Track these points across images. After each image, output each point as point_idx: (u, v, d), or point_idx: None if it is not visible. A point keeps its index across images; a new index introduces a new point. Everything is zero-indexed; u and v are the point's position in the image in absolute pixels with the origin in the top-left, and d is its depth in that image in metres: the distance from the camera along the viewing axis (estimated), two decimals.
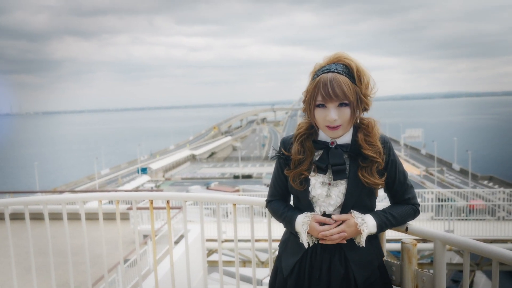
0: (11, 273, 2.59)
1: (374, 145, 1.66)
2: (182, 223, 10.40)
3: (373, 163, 1.65)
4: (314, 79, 1.63)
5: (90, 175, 50.88)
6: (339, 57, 1.64)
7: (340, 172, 1.66)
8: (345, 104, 1.59)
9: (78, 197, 2.60)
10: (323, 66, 1.64)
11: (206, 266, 2.58)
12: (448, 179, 44.39)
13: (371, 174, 1.65)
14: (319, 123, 1.65)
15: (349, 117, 1.61)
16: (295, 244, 1.76)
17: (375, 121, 1.70)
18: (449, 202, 15.65)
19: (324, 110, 1.61)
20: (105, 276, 2.67)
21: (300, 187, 1.70)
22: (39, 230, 2.66)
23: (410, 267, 1.78)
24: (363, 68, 1.63)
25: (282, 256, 1.82)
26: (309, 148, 1.71)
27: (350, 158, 1.68)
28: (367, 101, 1.64)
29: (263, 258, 14.52)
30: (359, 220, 1.66)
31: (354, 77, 1.61)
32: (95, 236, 3.11)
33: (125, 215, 10.71)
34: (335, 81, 1.57)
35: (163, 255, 8.79)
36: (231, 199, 2.40)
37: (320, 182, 1.69)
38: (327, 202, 1.68)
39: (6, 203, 2.59)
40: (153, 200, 2.57)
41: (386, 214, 1.72)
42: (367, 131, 1.67)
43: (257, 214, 12.79)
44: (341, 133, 1.66)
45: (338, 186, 1.67)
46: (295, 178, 1.71)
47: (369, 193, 1.69)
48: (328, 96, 1.57)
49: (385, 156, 1.67)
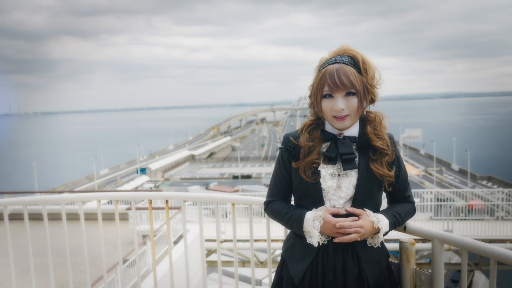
0: (10, 273, 2.59)
1: (383, 138, 1.65)
2: (181, 223, 10.40)
3: (383, 155, 1.64)
4: (320, 71, 1.62)
5: (89, 175, 50.84)
6: (345, 49, 1.63)
7: (350, 161, 1.62)
8: (352, 93, 1.57)
9: (77, 197, 2.60)
10: (329, 59, 1.63)
11: (205, 266, 2.58)
12: (447, 179, 44.43)
13: (382, 166, 1.63)
14: (326, 114, 1.62)
15: (356, 107, 1.59)
16: (303, 248, 1.68)
17: (382, 115, 1.69)
18: (448, 202, 15.67)
19: (331, 100, 1.59)
20: (104, 277, 2.68)
21: (312, 178, 1.63)
22: (37, 230, 2.66)
23: (409, 266, 1.79)
24: (368, 60, 1.62)
25: (289, 263, 1.73)
26: (317, 138, 1.67)
27: (359, 150, 1.65)
28: (374, 91, 1.62)
29: (262, 258, 14.51)
30: (374, 218, 1.62)
31: (360, 68, 1.60)
32: (94, 237, 3.12)
33: (124, 215, 10.70)
34: (342, 71, 1.56)
35: (162, 255, 8.79)
36: (230, 199, 2.40)
37: (330, 174, 1.64)
38: (337, 195, 1.64)
39: (5, 203, 2.58)
40: (152, 200, 2.56)
41: (394, 212, 1.70)
42: (375, 125, 1.66)
43: (256, 214, 12.79)
44: (349, 124, 1.63)
45: (348, 177, 1.63)
46: (306, 169, 1.64)
47: (379, 186, 1.67)
48: (335, 85, 1.56)
49: (393, 149, 1.67)
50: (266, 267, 13.47)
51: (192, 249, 8.38)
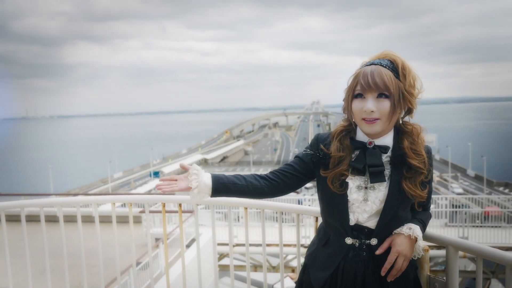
0: (27, 274, 2.63)
1: (420, 155, 1.55)
2: (193, 226, 10.44)
3: (417, 174, 1.55)
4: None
5: (104, 178, 51.39)
6: (386, 54, 1.56)
7: (377, 174, 1.53)
8: (385, 96, 1.48)
9: (92, 199, 2.64)
10: (367, 62, 1.57)
11: (217, 270, 2.58)
12: (462, 185, 43.75)
13: (415, 185, 1.54)
14: (356, 116, 1.54)
15: (388, 111, 1.49)
16: (326, 256, 1.65)
17: (421, 128, 1.58)
18: (464, 209, 15.42)
19: (362, 100, 1.51)
20: (118, 279, 2.70)
21: (340, 190, 1.56)
22: (52, 232, 2.70)
23: (423, 272, 1.77)
24: (409, 66, 1.54)
25: (310, 269, 1.71)
26: (348, 147, 1.58)
27: (392, 164, 1.57)
28: (411, 100, 1.52)
29: (274, 263, 14.46)
30: (405, 230, 1.56)
31: (398, 73, 1.52)
32: (108, 239, 3.15)
33: (137, 218, 10.80)
34: (376, 72, 1.49)
35: (175, 258, 8.83)
36: (243, 203, 2.40)
37: (356, 186, 1.57)
38: (362, 208, 1.56)
39: (22, 205, 2.62)
40: (165, 204, 2.59)
41: (419, 221, 1.64)
42: (412, 139, 1.56)
43: (269, 218, 12.77)
44: (379, 129, 1.52)
45: (375, 191, 1.55)
46: (334, 180, 1.57)
47: (407, 205, 1.59)
48: (367, 85, 1.48)
49: (429, 168, 1.59)
50: (278, 272, 13.41)
51: (204, 253, 8.40)
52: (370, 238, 1.59)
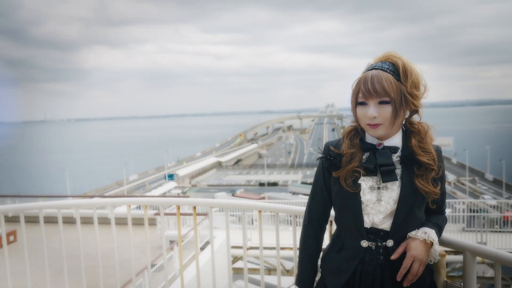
0: (45, 274, 2.68)
1: (429, 152, 1.57)
2: (208, 229, 10.47)
3: (428, 170, 1.56)
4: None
5: (119, 181, 51.99)
6: (389, 56, 1.58)
7: (389, 173, 1.55)
8: (386, 102, 1.51)
9: (108, 201, 2.67)
10: (371, 65, 1.59)
11: (231, 273, 2.59)
12: (480, 189, 42.95)
13: (427, 182, 1.55)
14: (361, 121, 1.58)
15: (390, 116, 1.51)
16: (342, 262, 1.64)
17: (428, 126, 1.60)
18: (482, 213, 15.12)
19: (365, 107, 1.54)
20: (133, 280, 2.73)
21: (353, 188, 1.57)
22: (69, 233, 2.74)
23: (439, 278, 1.74)
24: (411, 66, 1.55)
25: (323, 274, 1.73)
26: (358, 145, 1.62)
27: (402, 163, 1.58)
28: (414, 101, 1.54)
29: (288, 266, 14.40)
30: (421, 234, 1.55)
31: (399, 75, 1.53)
32: (123, 241, 3.18)
33: (152, 221, 10.89)
34: (376, 78, 1.51)
35: (189, 261, 8.87)
36: (257, 206, 2.40)
37: (369, 187, 1.58)
38: (376, 209, 1.56)
39: (40, 207, 2.68)
40: (180, 206, 2.61)
41: (435, 225, 1.63)
42: (420, 137, 1.58)
43: (283, 221, 12.73)
44: (382, 133, 1.56)
45: (388, 191, 1.56)
46: (347, 177, 1.59)
47: (422, 203, 1.59)
48: (368, 92, 1.51)
49: (439, 165, 1.59)
50: (292, 276, 13.33)
51: (218, 256, 8.42)
52: (386, 240, 1.58)
